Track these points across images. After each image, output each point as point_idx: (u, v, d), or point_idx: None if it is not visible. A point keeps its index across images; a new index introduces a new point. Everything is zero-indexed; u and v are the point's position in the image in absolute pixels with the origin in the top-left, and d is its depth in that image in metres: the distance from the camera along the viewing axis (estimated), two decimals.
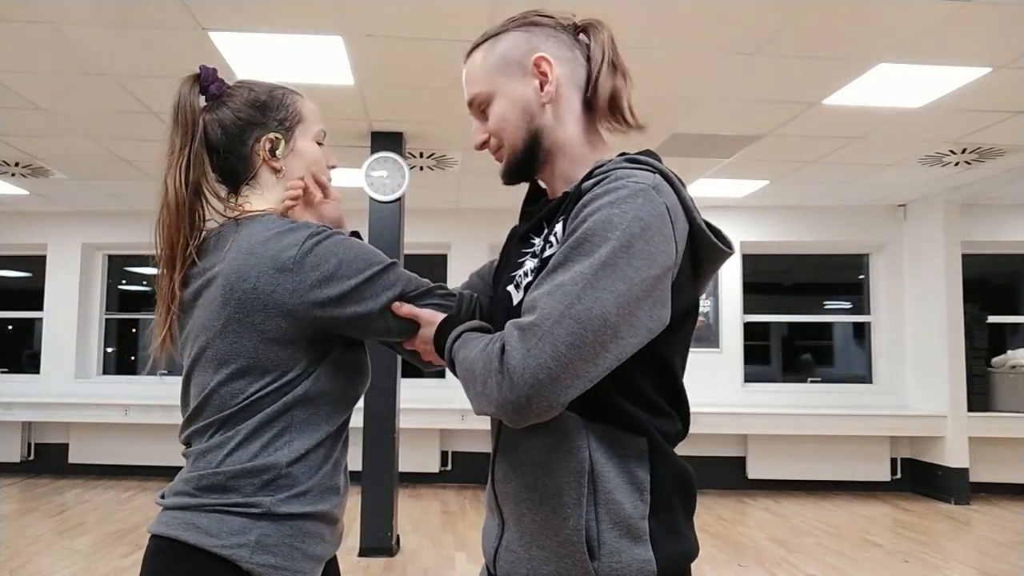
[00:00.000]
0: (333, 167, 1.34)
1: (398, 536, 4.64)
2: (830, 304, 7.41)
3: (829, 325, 7.40)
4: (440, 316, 1.17)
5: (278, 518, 1.11)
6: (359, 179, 4.67)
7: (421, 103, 4.14)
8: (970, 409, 6.04)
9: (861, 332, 7.01)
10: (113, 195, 6.31)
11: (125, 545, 4.44)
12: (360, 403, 4.43)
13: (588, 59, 1.13)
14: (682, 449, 1.07)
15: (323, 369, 1.17)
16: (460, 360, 1.04)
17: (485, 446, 6.54)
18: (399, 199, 4.68)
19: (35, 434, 6.81)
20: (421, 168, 5.44)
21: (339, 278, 1.13)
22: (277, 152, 1.25)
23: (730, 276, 6.72)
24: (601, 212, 0.95)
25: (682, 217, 1.00)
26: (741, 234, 6.60)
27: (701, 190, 6.00)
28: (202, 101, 1.26)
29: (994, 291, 7.19)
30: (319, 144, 1.30)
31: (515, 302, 1.08)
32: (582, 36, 1.15)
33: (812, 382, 6.86)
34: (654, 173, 1.01)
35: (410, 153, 5.02)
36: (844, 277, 7.31)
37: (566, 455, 1.00)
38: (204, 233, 1.23)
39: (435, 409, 6.33)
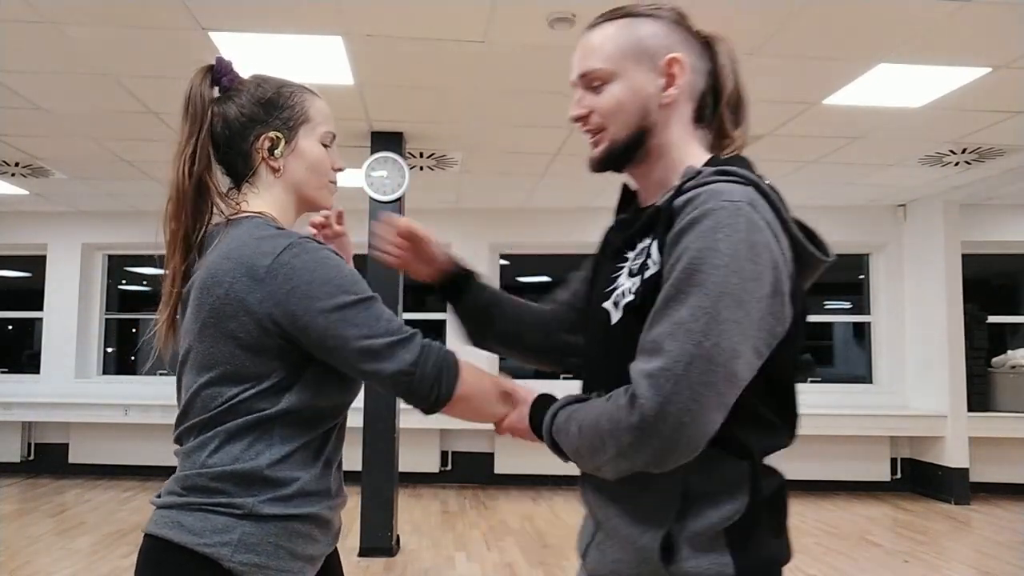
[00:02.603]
0: (339, 169, 1.31)
1: (398, 536, 4.64)
2: (830, 304, 7.41)
3: (829, 325, 7.40)
4: (532, 393, 1.17)
5: (261, 519, 1.10)
6: (359, 179, 4.67)
7: (421, 103, 4.15)
8: (970, 409, 6.04)
9: (861, 332, 7.01)
10: (113, 195, 6.31)
11: (125, 545, 4.44)
12: (360, 403, 4.41)
13: (710, 72, 1.12)
14: None
15: (304, 381, 1.14)
16: (574, 432, 1.03)
17: (485, 446, 6.57)
18: (399, 199, 4.68)
19: (35, 434, 6.81)
20: (421, 168, 5.44)
21: (307, 297, 1.09)
22: (276, 151, 1.23)
23: None
24: (705, 239, 0.93)
25: (781, 230, 0.98)
26: None
27: None
28: (215, 92, 1.26)
29: (994, 291, 7.19)
30: (325, 146, 1.27)
31: (614, 320, 1.05)
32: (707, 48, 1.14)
33: (812, 382, 6.85)
34: (746, 186, 0.98)
35: (410, 153, 5.02)
36: (844, 277, 7.31)
37: (663, 476, 0.98)
38: (206, 230, 1.23)
39: None
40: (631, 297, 1.03)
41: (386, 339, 1.11)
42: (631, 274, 1.05)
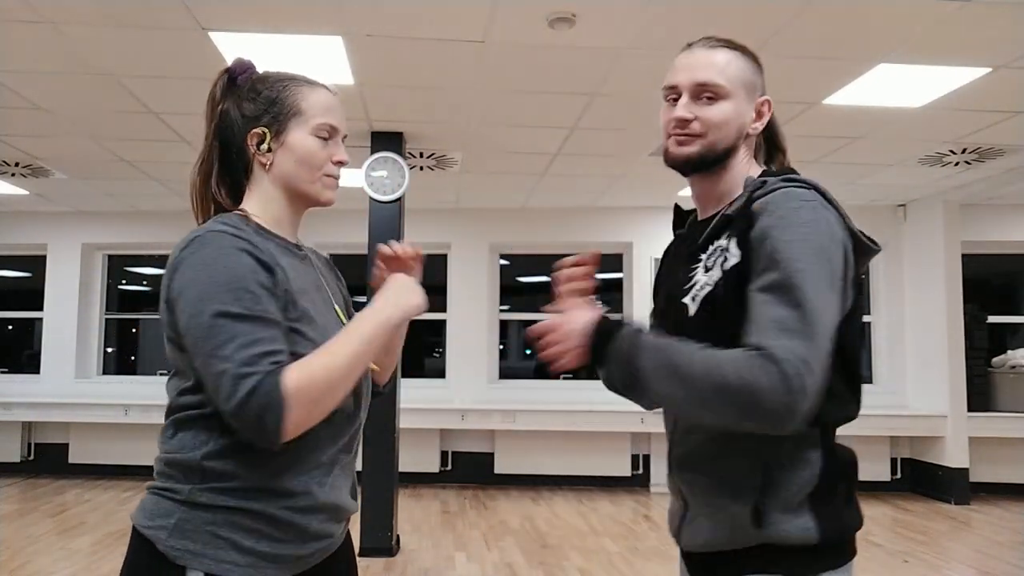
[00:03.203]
0: (340, 163, 1.27)
1: (398, 536, 4.64)
2: None
3: None
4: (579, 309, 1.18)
5: (197, 506, 1.10)
6: (359, 179, 4.67)
7: (421, 103, 4.15)
8: (970, 409, 6.04)
9: (861, 332, 6.99)
10: (113, 195, 6.31)
11: (125, 545, 4.42)
12: None
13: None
14: None
15: None
16: (699, 364, 1.04)
17: (485, 446, 6.57)
18: (399, 199, 4.68)
19: (35, 434, 6.81)
20: (421, 168, 5.44)
21: (181, 297, 1.09)
22: (262, 146, 1.22)
23: None
24: (796, 230, 1.07)
25: (843, 223, 1.13)
26: None
27: None
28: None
29: (994, 291, 7.19)
30: (323, 139, 1.24)
31: (691, 313, 1.16)
32: None
33: None
34: (810, 189, 1.13)
35: (410, 153, 5.02)
36: None
37: (742, 446, 1.11)
38: None
39: (435, 409, 6.33)
40: (709, 288, 1.14)
41: (222, 365, 1.04)
42: (707, 270, 1.17)
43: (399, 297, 1.21)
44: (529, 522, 5.31)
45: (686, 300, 1.17)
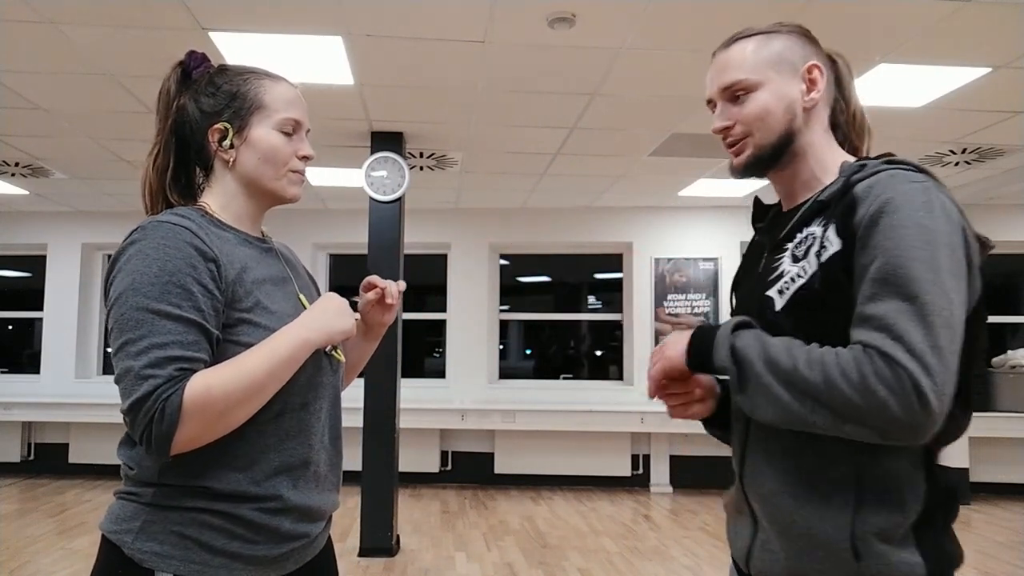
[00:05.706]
0: (304, 157, 1.23)
1: (398, 536, 4.64)
2: None
3: None
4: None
5: (163, 508, 1.08)
6: (359, 179, 4.67)
7: (421, 103, 4.14)
8: None
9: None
10: (113, 195, 6.31)
11: None
12: (360, 403, 4.41)
13: (836, 83, 1.22)
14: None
15: None
16: (816, 373, 0.94)
17: (485, 446, 6.57)
18: (399, 199, 4.68)
19: (35, 434, 6.81)
20: (421, 168, 5.44)
21: (112, 286, 1.07)
22: (224, 143, 1.19)
23: (731, 275, 6.71)
24: (910, 214, 0.97)
25: (958, 207, 1.03)
26: (741, 234, 6.59)
27: (701, 190, 6.00)
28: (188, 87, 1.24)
29: (994, 291, 7.18)
30: (287, 133, 1.21)
31: (778, 307, 1.06)
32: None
33: None
34: (918, 171, 1.05)
35: (410, 153, 5.02)
36: None
37: (833, 462, 1.00)
38: None
39: (435, 409, 6.33)
40: (803, 280, 1.04)
41: (129, 362, 1.03)
42: (796, 260, 1.07)
43: (324, 320, 1.15)
44: (529, 522, 5.31)
45: (771, 293, 1.07)
